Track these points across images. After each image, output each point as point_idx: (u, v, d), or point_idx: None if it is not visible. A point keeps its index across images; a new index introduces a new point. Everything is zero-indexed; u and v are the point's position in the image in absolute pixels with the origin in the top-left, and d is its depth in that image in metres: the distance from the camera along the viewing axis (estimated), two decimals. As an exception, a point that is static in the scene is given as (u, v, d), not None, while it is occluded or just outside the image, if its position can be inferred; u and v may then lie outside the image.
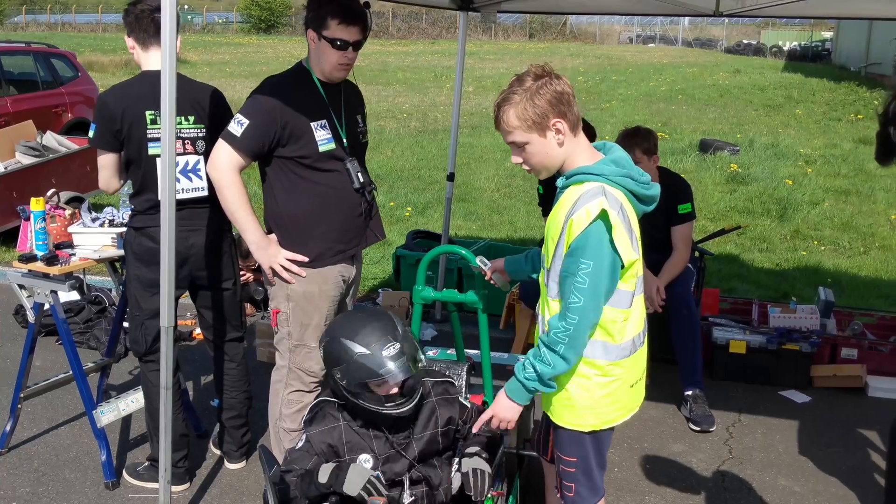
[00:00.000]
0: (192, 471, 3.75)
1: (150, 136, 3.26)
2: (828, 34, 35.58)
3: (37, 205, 3.54)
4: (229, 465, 3.83)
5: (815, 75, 23.54)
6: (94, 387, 4.05)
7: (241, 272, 4.87)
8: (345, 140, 3.16)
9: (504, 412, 2.43)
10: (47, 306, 3.62)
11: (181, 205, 3.28)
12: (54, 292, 3.55)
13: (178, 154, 3.29)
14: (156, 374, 3.28)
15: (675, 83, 21.94)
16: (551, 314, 2.37)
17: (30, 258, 3.56)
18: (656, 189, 2.40)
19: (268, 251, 3.14)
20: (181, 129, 3.33)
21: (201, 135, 3.40)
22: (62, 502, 3.57)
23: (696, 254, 4.90)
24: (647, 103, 18.10)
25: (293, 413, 3.29)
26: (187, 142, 3.37)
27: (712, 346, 4.81)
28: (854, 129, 14.46)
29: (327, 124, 3.12)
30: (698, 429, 4.23)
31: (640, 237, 2.41)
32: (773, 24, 40.05)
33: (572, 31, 44.42)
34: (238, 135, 3.00)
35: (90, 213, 3.78)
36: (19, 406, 3.90)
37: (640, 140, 4.30)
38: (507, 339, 4.96)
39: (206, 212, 3.43)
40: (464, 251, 3.15)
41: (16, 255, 3.94)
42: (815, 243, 7.79)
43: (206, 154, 3.23)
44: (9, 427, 3.93)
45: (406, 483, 2.68)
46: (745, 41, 38.83)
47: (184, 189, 3.35)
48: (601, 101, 18.33)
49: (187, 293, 3.61)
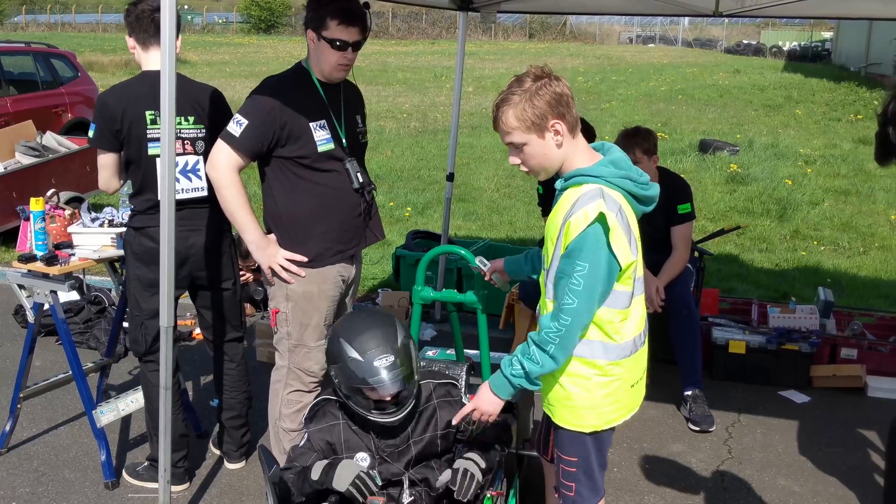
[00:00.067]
0: (191, 471, 3.75)
1: (150, 136, 3.26)
2: (828, 34, 35.58)
3: (36, 205, 3.54)
4: (229, 465, 3.83)
5: (814, 75, 23.54)
6: (94, 387, 4.05)
7: (241, 272, 4.87)
8: (344, 140, 3.16)
9: (486, 406, 2.44)
10: (47, 306, 3.62)
11: (181, 205, 3.29)
12: (54, 292, 3.55)
13: (177, 154, 3.29)
14: (155, 374, 3.28)
15: (675, 83, 21.95)
16: None
17: (29, 258, 3.56)
18: (655, 189, 2.40)
19: (267, 251, 3.14)
20: (181, 129, 3.33)
21: (201, 135, 3.41)
22: (62, 502, 3.57)
23: (696, 254, 4.90)
24: (646, 103, 18.10)
25: (293, 413, 3.29)
26: (187, 142, 3.37)
27: (712, 347, 4.82)
28: (854, 130, 14.46)
29: (326, 124, 3.12)
30: (698, 429, 4.23)
31: (639, 238, 2.41)
32: (773, 24, 40.04)
33: (572, 31, 44.42)
34: (237, 135, 3.00)
35: (90, 213, 3.78)
36: (19, 406, 3.90)
37: (639, 140, 4.30)
38: (506, 339, 4.95)
39: (206, 212, 3.43)
40: (463, 251, 3.15)
41: (15, 255, 3.94)
42: (815, 243, 7.79)
43: (206, 154, 3.22)
44: (8, 427, 3.93)
45: (405, 483, 2.68)
46: (745, 41, 38.83)
47: (183, 189, 3.35)
48: (601, 101, 18.33)
49: (187, 293, 3.62)
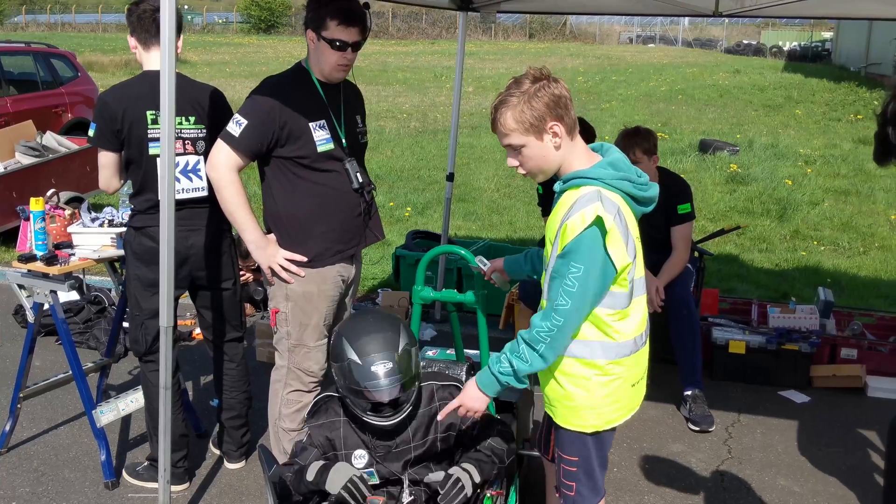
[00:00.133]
0: (191, 471, 3.75)
1: (150, 135, 3.26)
2: (828, 34, 35.58)
3: (36, 205, 3.54)
4: (229, 465, 3.83)
5: (814, 75, 23.54)
6: (94, 387, 4.05)
7: (241, 272, 4.87)
8: (343, 140, 3.16)
9: (472, 402, 2.45)
10: (47, 306, 3.62)
11: (181, 205, 3.29)
12: (54, 292, 3.55)
13: (178, 154, 3.30)
14: (156, 374, 3.28)
15: (675, 83, 21.95)
16: None
17: (29, 258, 3.56)
18: (654, 190, 2.40)
19: (266, 251, 3.15)
20: (181, 129, 3.33)
21: (201, 135, 3.40)
22: (62, 502, 3.57)
23: (696, 254, 4.90)
24: (646, 103, 18.10)
25: (292, 413, 3.29)
26: (187, 142, 3.37)
27: (712, 347, 4.81)
28: (854, 130, 14.46)
29: (326, 124, 3.12)
30: (697, 429, 4.23)
31: (639, 238, 2.41)
32: (773, 24, 40.04)
33: (572, 31, 44.42)
34: (237, 135, 3.00)
35: (90, 213, 3.78)
36: (19, 406, 3.90)
37: (639, 140, 4.30)
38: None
39: (206, 212, 3.43)
40: (463, 251, 3.15)
41: (15, 255, 3.94)
42: (815, 243, 7.79)
43: (207, 154, 3.22)
44: (8, 427, 3.93)
45: (405, 482, 2.68)
46: (745, 41, 38.83)
47: (184, 189, 3.35)
48: (601, 101, 18.33)
49: (187, 293, 3.62)
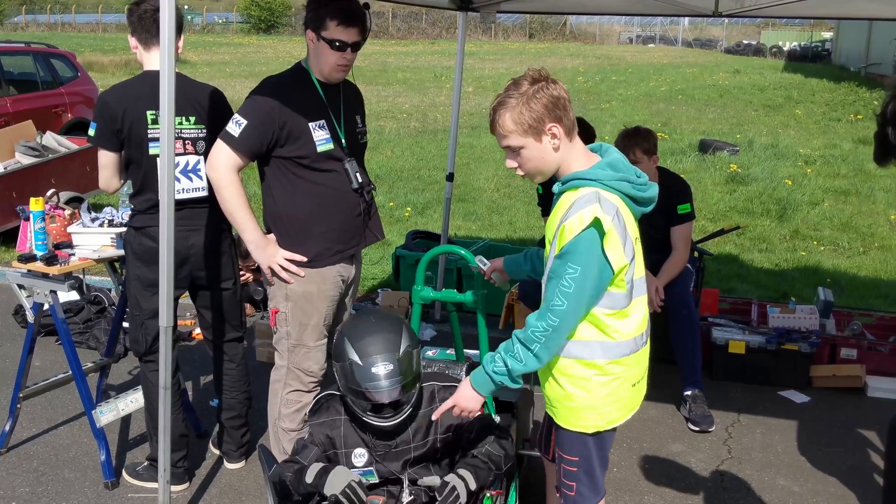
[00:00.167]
0: (191, 471, 3.75)
1: (150, 135, 3.26)
2: (828, 34, 35.58)
3: (36, 205, 3.54)
4: (228, 465, 3.83)
5: (814, 75, 23.54)
6: (94, 387, 4.05)
7: (241, 272, 4.87)
8: (343, 140, 3.16)
9: (466, 402, 2.44)
10: (47, 306, 3.62)
11: (181, 205, 3.29)
12: (54, 292, 3.55)
13: (178, 154, 3.30)
14: (156, 374, 3.28)
15: (675, 83, 21.95)
16: None
17: (29, 258, 3.56)
18: (654, 190, 2.39)
19: (266, 251, 3.15)
20: (182, 129, 3.33)
21: (202, 135, 3.40)
22: (61, 502, 3.57)
23: (696, 254, 4.90)
24: (646, 103, 18.10)
25: (292, 413, 3.30)
26: (188, 142, 3.37)
27: (711, 347, 4.81)
28: (854, 130, 14.46)
29: (326, 124, 3.12)
30: (697, 429, 4.23)
31: (639, 238, 2.41)
32: (773, 24, 40.05)
33: (572, 31, 44.42)
34: (236, 135, 3.00)
35: (89, 213, 3.78)
36: (18, 406, 3.90)
37: (640, 140, 4.30)
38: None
39: (207, 212, 3.43)
40: (463, 251, 3.16)
41: (15, 255, 3.94)
42: (815, 243, 7.79)
43: (207, 154, 3.22)
44: (8, 427, 3.93)
45: (405, 482, 2.69)
46: (745, 41, 38.84)
47: (184, 189, 3.35)
48: (601, 101, 18.33)
49: (187, 293, 3.62)
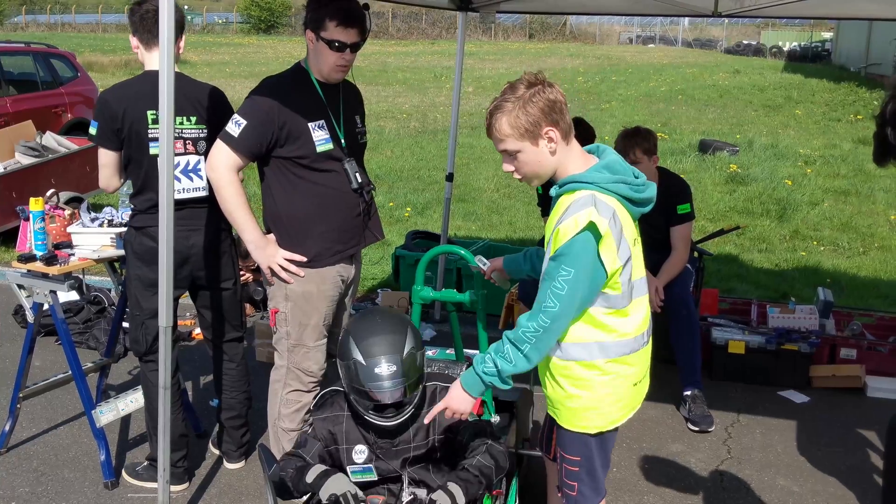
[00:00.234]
0: (191, 471, 3.75)
1: (151, 135, 3.25)
2: (828, 34, 35.58)
3: (36, 205, 3.54)
4: (228, 465, 3.84)
5: (814, 76, 23.55)
6: (94, 387, 4.06)
7: (241, 272, 4.87)
8: (343, 140, 3.16)
9: (457, 404, 2.42)
10: (46, 306, 3.62)
11: (182, 205, 3.29)
12: (53, 292, 3.55)
13: (179, 154, 3.30)
14: (156, 374, 3.27)
15: (675, 83, 21.95)
16: None
17: (29, 258, 3.56)
18: (651, 191, 2.39)
19: (266, 251, 3.15)
20: (183, 129, 3.33)
21: (203, 135, 3.40)
22: (61, 502, 3.57)
23: (696, 254, 4.90)
24: (646, 104, 18.11)
25: (292, 413, 3.30)
26: (188, 142, 3.37)
27: (711, 347, 4.82)
28: (854, 130, 14.46)
29: (325, 125, 3.12)
30: (697, 429, 4.23)
31: (638, 239, 2.41)
32: (773, 24, 40.05)
33: (572, 31, 44.43)
34: (236, 135, 3.00)
35: (89, 213, 3.78)
36: (18, 406, 3.91)
37: (640, 140, 4.30)
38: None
39: (207, 212, 3.43)
40: (463, 251, 3.16)
41: (15, 255, 3.94)
42: (815, 243, 7.79)
43: (208, 154, 3.22)
44: (8, 427, 3.93)
45: (405, 482, 2.69)
46: (745, 41, 38.84)
47: (184, 189, 3.35)
48: (601, 101, 18.33)
49: (187, 293, 3.62)
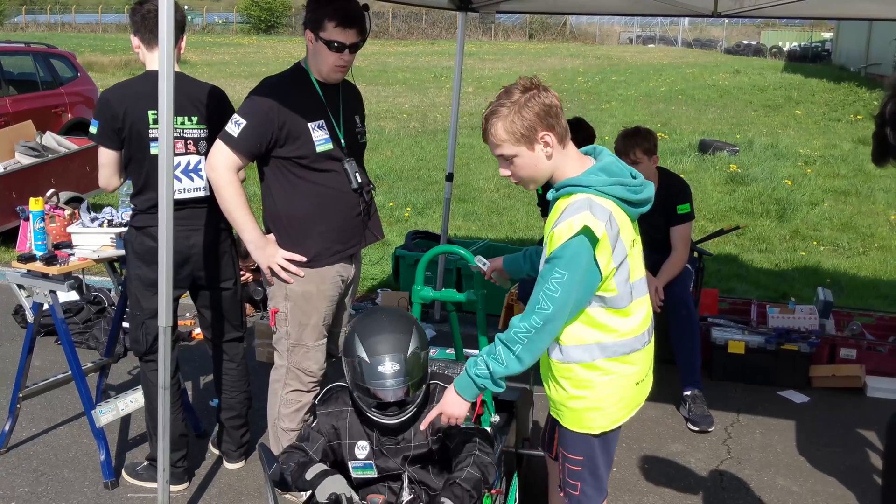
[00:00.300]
0: (190, 470, 3.75)
1: (152, 135, 3.25)
2: (828, 35, 35.58)
3: (36, 205, 3.54)
4: (228, 465, 3.84)
5: (814, 76, 23.54)
6: (93, 387, 4.06)
7: (241, 272, 4.87)
8: (342, 140, 3.16)
9: (452, 408, 2.39)
10: (46, 306, 3.62)
11: (182, 204, 3.30)
12: (53, 292, 3.55)
13: (180, 154, 3.31)
14: (156, 374, 3.27)
15: (675, 84, 21.95)
16: None
17: (29, 258, 3.56)
18: (649, 191, 2.39)
19: (266, 251, 3.15)
20: (184, 129, 3.33)
21: (204, 135, 3.39)
22: (61, 502, 3.57)
23: (695, 254, 4.90)
24: (646, 104, 18.10)
25: (291, 413, 3.30)
26: (190, 142, 3.37)
27: (711, 347, 4.82)
28: (854, 130, 14.45)
29: (325, 125, 3.12)
30: (697, 429, 4.24)
31: (637, 240, 2.41)
32: (773, 24, 40.06)
33: (572, 31, 44.43)
34: (235, 135, 3.01)
35: (89, 213, 3.78)
36: (18, 406, 3.91)
37: (640, 140, 4.30)
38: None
39: (208, 212, 3.43)
40: (462, 251, 3.16)
41: (15, 255, 3.94)
42: (815, 244, 7.79)
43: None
44: (8, 427, 3.93)
45: (405, 481, 2.69)
46: (745, 42, 38.83)
47: (185, 189, 3.35)
48: (601, 101, 18.34)
49: (188, 293, 3.62)
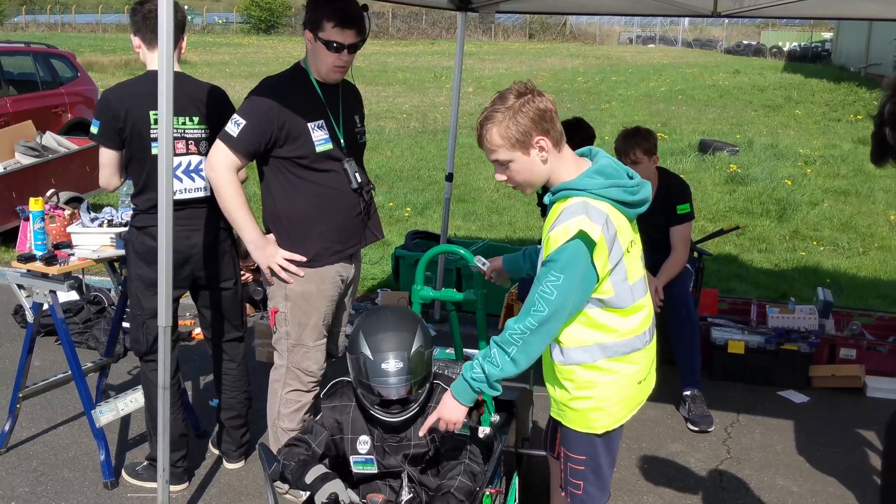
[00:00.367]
0: (190, 470, 3.75)
1: (153, 135, 3.25)
2: (828, 35, 35.58)
3: (36, 205, 3.55)
4: (228, 465, 3.84)
5: (814, 76, 23.54)
6: (93, 387, 4.06)
7: (241, 272, 4.88)
8: (342, 140, 3.16)
9: (450, 414, 2.38)
10: (46, 306, 3.62)
11: (183, 204, 3.30)
12: (53, 292, 3.55)
13: (181, 154, 3.31)
14: (156, 374, 3.26)
15: (675, 84, 21.95)
16: None
17: (29, 258, 3.56)
18: (646, 191, 2.38)
19: (265, 251, 3.15)
20: (185, 129, 3.33)
21: (205, 135, 3.39)
22: (61, 502, 3.57)
23: (695, 254, 4.90)
24: (646, 104, 18.11)
25: (291, 412, 3.30)
26: (191, 142, 3.37)
27: (711, 347, 4.82)
28: (853, 130, 14.45)
29: (325, 125, 3.12)
30: (697, 429, 4.24)
31: (636, 240, 2.41)
32: (773, 24, 40.07)
33: (572, 31, 44.43)
34: (235, 135, 3.01)
35: (89, 213, 3.78)
36: (18, 406, 3.90)
37: (640, 140, 4.30)
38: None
39: (208, 212, 3.43)
40: (462, 251, 3.16)
41: (15, 255, 3.94)
42: (815, 244, 7.79)
43: None
44: (8, 427, 3.93)
45: (405, 480, 2.69)
46: (745, 42, 38.83)
47: (186, 189, 3.35)
48: (601, 101, 18.34)
49: (188, 293, 3.62)
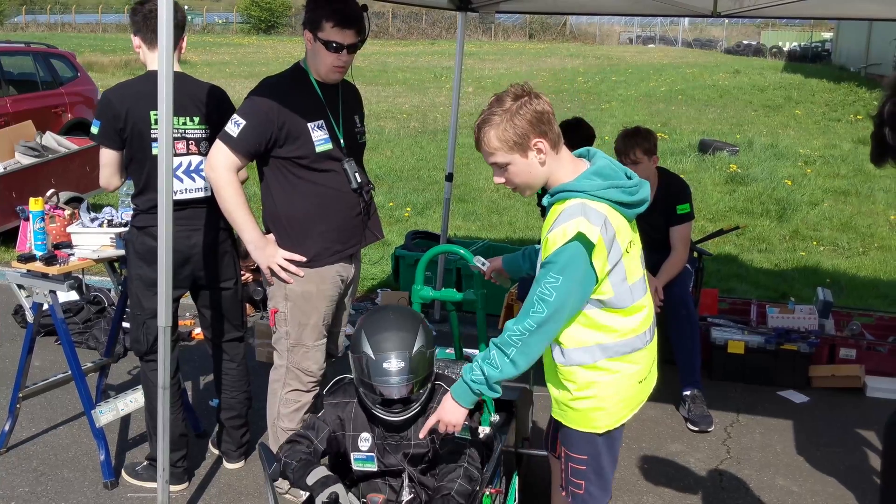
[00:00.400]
0: (190, 470, 3.76)
1: (154, 135, 3.25)
2: (828, 35, 35.59)
3: (36, 205, 3.55)
4: (228, 465, 3.84)
5: (814, 76, 23.54)
6: (93, 387, 4.06)
7: (241, 272, 4.88)
8: (342, 140, 3.16)
9: (449, 416, 2.39)
10: (46, 306, 3.62)
11: (184, 205, 3.30)
12: (53, 292, 3.55)
13: (181, 154, 3.31)
14: (156, 374, 3.27)
15: (675, 84, 21.95)
16: None
17: (29, 258, 3.56)
18: (645, 191, 2.38)
19: (265, 251, 3.15)
20: (186, 129, 3.33)
21: (205, 135, 3.39)
22: (61, 502, 3.57)
23: (695, 254, 4.90)
24: (646, 104, 18.11)
25: (291, 412, 3.30)
26: (191, 142, 3.37)
27: (711, 347, 4.82)
28: (853, 130, 14.45)
29: (324, 125, 3.12)
30: (696, 429, 4.24)
31: (635, 240, 2.41)
32: (773, 24, 40.07)
33: (572, 31, 44.43)
34: (234, 135, 3.01)
35: (89, 213, 3.78)
36: (18, 406, 3.91)
37: (640, 140, 4.30)
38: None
39: (208, 212, 3.43)
40: (462, 251, 3.16)
41: (15, 255, 3.94)
42: (814, 244, 7.79)
43: None
44: (7, 427, 3.93)
45: (405, 480, 2.69)
46: (745, 42, 38.83)
47: (186, 189, 3.35)
48: (601, 101, 18.34)
49: (188, 293, 3.62)
